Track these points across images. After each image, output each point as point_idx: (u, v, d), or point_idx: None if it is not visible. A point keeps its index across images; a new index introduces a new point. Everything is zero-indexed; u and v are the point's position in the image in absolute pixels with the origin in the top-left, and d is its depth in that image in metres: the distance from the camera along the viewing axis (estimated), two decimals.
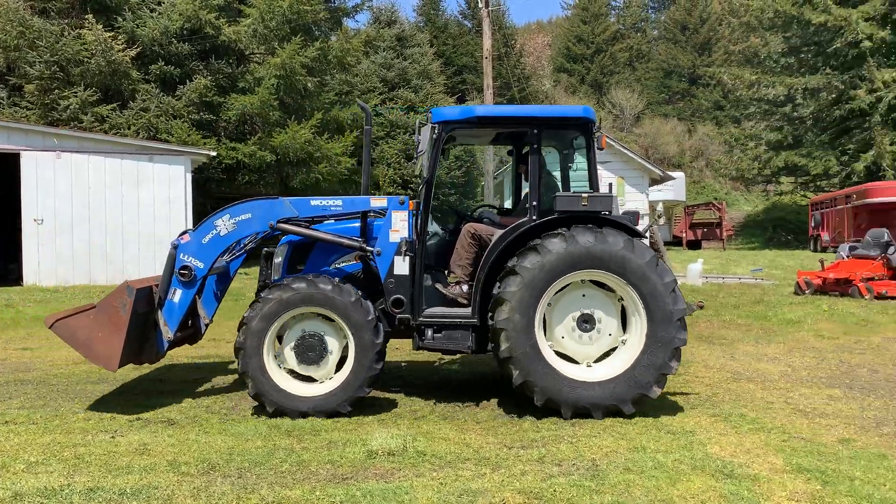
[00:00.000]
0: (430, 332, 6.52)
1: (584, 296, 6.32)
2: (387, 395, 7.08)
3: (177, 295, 6.52)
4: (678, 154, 54.27)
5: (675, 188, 35.27)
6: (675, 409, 6.52)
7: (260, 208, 6.59)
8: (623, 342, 6.28)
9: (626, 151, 22.61)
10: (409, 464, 5.01)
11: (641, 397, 6.12)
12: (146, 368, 8.04)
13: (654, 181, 23.90)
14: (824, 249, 28.66)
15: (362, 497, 4.41)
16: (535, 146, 6.60)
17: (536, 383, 6.05)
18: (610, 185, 7.88)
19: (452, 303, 6.76)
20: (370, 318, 6.14)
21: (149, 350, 6.62)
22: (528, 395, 6.12)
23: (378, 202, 6.65)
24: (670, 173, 27.70)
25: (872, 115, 31.83)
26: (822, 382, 7.67)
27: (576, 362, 6.32)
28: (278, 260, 6.98)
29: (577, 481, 4.66)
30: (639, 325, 6.15)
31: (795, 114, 37.43)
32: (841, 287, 13.75)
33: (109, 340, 6.07)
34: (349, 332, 6.15)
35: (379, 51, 32.95)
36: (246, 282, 14.84)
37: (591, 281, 6.27)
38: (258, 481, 4.71)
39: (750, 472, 4.86)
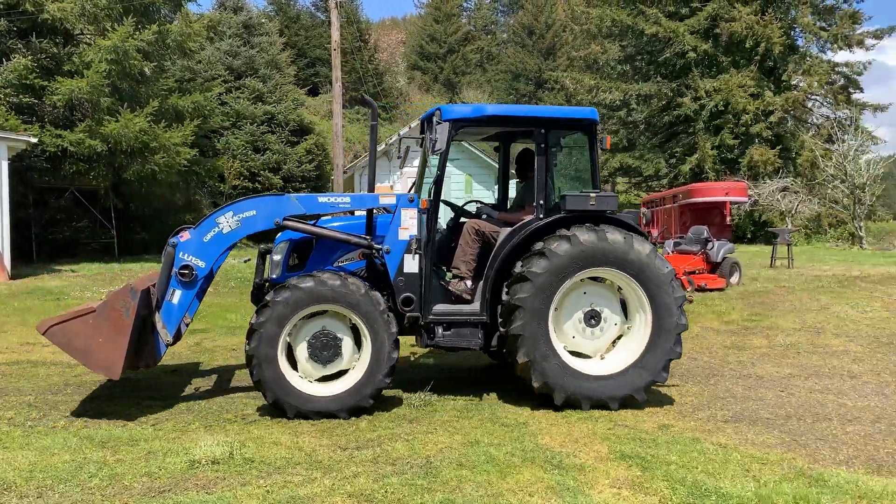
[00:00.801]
0: (440, 330, 6.50)
1: (584, 293, 6.50)
2: (218, 398, 6.71)
3: (176, 296, 6.17)
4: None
5: None
6: (511, 401, 6.64)
7: (266, 205, 6.35)
8: (628, 329, 6.53)
9: (474, 150, 23.03)
10: (235, 472, 4.74)
11: (652, 383, 6.38)
12: None
13: None
14: (654, 245, 30.66)
15: None
16: (543, 146, 6.66)
17: (556, 384, 6.17)
18: (611, 183, 8.01)
19: (457, 299, 6.74)
20: (381, 308, 6.04)
21: (147, 355, 6.27)
22: (548, 395, 6.22)
23: (387, 199, 6.55)
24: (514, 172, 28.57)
25: (697, 122, 34.47)
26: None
27: (588, 357, 6.50)
28: (277, 258, 6.80)
29: (409, 480, 4.59)
30: (643, 317, 6.41)
31: (630, 118, 39.83)
32: None
33: (111, 346, 5.66)
34: (363, 326, 6.04)
35: (224, 37, 31.56)
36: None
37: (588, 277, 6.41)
38: (61, 500, 4.27)
39: (577, 461, 5.00)
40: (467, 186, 20.15)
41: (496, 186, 7.85)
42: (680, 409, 6.53)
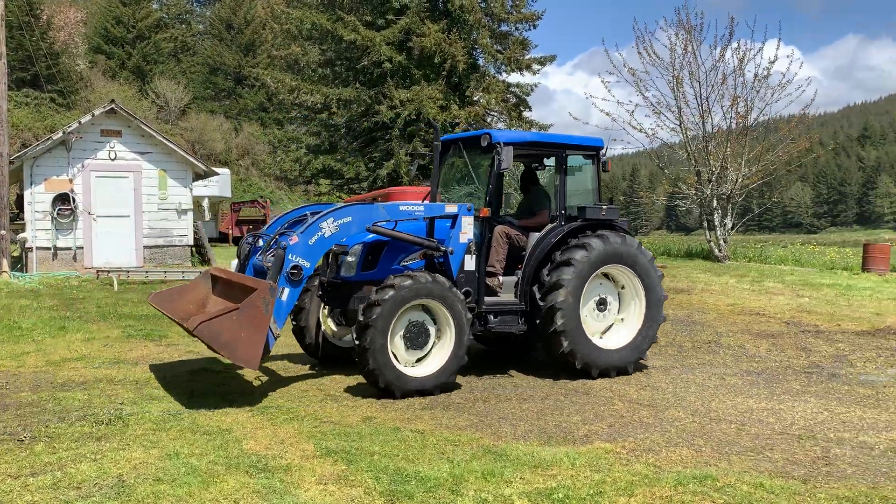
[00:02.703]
0: (491, 318, 7.69)
1: (601, 284, 8.06)
2: None
3: (285, 294, 6.65)
4: (225, 151, 54.22)
5: (220, 184, 35.12)
6: (212, 408, 6.38)
7: (360, 212, 7.15)
8: (621, 320, 8.20)
9: (169, 144, 21.57)
10: None
11: (638, 359, 8.17)
12: None
13: (199, 176, 23.32)
14: None
15: None
16: (564, 166, 8.19)
17: (579, 351, 7.66)
18: (611, 199, 9.36)
19: (490, 292, 7.83)
20: (461, 300, 7.06)
21: (265, 349, 6.47)
22: (570, 361, 7.65)
23: (450, 208, 7.53)
24: (215, 169, 27.42)
25: (393, 129, 36.23)
26: (353, 367, 8.32)
27: (591, 335, 7.88)
28: (351, 259, 7.40)
29: (98, 502, 4.19)
30: (637, 307, 8.16)
31: (332, 121, 40.51)
32: None
33: (252, 340, 6.18)
34: (449, 316, 7.01)
35: None
36: None
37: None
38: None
39: (283, 462, 4.98)
40: (161, 182, 18.84)
41: (486, 191, 8.05)
42: (382, 400, 6.82)
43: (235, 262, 8.44)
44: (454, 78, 37.26)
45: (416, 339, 7.02)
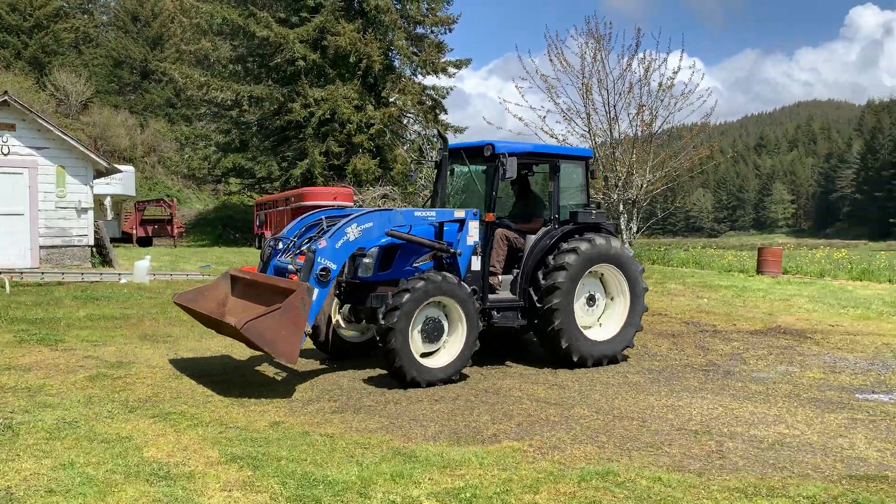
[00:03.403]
0: (495, 314, 8.28)
1: (590, 281, 8.72)
2: None
3: (315, 294, 6.97)
4: (130, 147, 52.07)
5: (123, 182, 33.69)
6: (111, 415, 6.14)
7: (380, 218, 7.58)
8: (609, 313, 8.91)
9: (67, 139, 20.56)
10: None
11: (625, 347, 8.89)
12: None
13: (100, 173, 22.34)
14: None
15: None
16: (557, 174, 8.82)
17: (574, 346, 8.37)
18: (598, 204, 9.89)
19: (490, 290, 8.39)
20: (472, 297, 7.67)
21: None
22: (568, 355, 8.37)
23: (459, 213, 8.13)
24: (118, 166, 26.31)
25: (306, 128, 35.74)
26: (259, 371, 8.19)
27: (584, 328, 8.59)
28: (368, 261, 7.95)
29: None
30: (622, 301, 8.90)
31: (243, 119, 39.56)
32: None
33: (292, 338, 6.59)
34: (461, 313, 7.62)
35: None
36: None
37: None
38: None
39: (186, 469, 4.84)
40: (59, 179, 17.95)
41: (485, 197, 8.81)
42: (291, 404, 6.73)
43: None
44: (370, 78, 37.10)
45: (432, 332, 7.62)
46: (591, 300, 8.86)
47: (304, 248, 7.62)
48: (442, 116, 41.18)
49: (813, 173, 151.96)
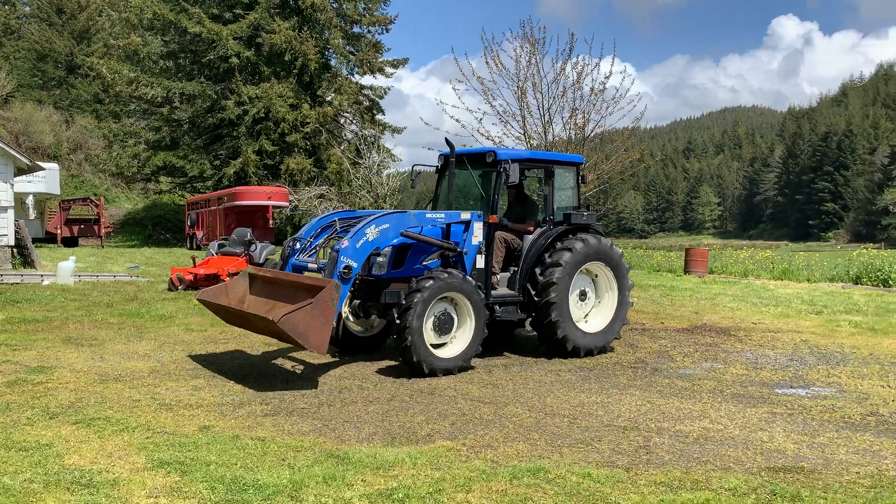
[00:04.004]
0: (497, 308, 8.83)
1: (581, 277, 9.32)
2: None
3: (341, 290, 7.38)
4: (54, 144, 50.13)
5: (47, 180, 32.44)
6: (31, 422, 5.90)
7: (396, 219, 8.13)
8: (598, 307, 9.55)
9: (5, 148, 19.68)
10: None
11: (613, 339, 9.49)
12: None
13: (22, 171, 21.48)
14: (199, 247, 30.29)
15: None
16: (552, 178, 9.51)
17: (569, 337, 9.01)
18: (588, 206, 9.40)
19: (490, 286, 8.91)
20: (479, 293, 8.29)
21: None
22: (563, 344, 8.99)
23: (465, 215, 8.68)
24: (41, 164, 25.31)
25: (240, 126, 35.09)
26: (189, 374, 7.99)
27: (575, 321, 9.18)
28: (382, 259, 8.43)
29: None
30: (612, 296, 9.54)
31: (174, 116, 38.59)
32: (211, 282, 14.63)
33: (322, 330, 7.14)
34: (471, 307, 8.20)
35: None
36: None
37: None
38: None
39: (110, 476, 4.69)
40: None
41: (486, 201, 9.44)
42: (221, 408, 6.60)
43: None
44: (306, 77, 36.70)
45: (443, 326, 8.16)
46: (582, 295, 9.48)
47: (317, 246, 8.52)
48: (379, 117, 41.07)
49: (738, 177, 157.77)
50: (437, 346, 8.18)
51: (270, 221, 30.02)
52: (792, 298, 13.65)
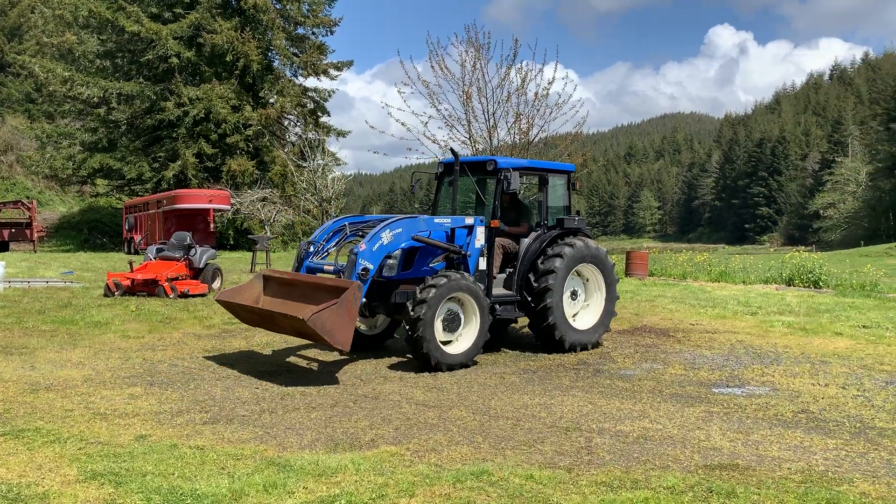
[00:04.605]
0: (498, 307, 9.35)
1: (572, 278, 9.89)
2: None
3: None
4: None
5: None
6: None
7: (408, 224, 8.76)
8: (587, 305, 10.20)
9: None
10: None
11: (602, 334, 10.19)
12: None
13: None
14: (137, 252, 29.48)
15: None
16: (547, 185, 10.17)
17: (564, 335, 9.61)
18: (578, 211, 10.96)
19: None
20: (483, 293, 8.83)
21: None
22: (560, 343, 9.59)
23: (469, 220, 9.26)
24: None
25: (179, 128, 34.31)
26: (125, 382, 7.77)
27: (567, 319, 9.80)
28: (392, 262, 8.88)
29: None
30: (600, 295, 10.19)
31: (111, 117, 37.48)
32: (149, 287, 14.25)
33: (346, 328, 7.62)
34: (476, 307, 8.73)
35: None
36: None
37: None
38: None
39: (39, 490, 4.52)
40: None
41: (489, 206, 10.01)
42: (159, 417, 6.43)
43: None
44: (248, 78, 36.14)
45: (451, 324, 8.65)
46: (574, 295, 10.08)
47: (330, 249, 9.16)
48: (324, 119, 40.71)
49: (677, 181, 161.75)
50: (444, 344, 8.61)
51: (211, 225, 29.43)
52: (728, 300, 14.04)
